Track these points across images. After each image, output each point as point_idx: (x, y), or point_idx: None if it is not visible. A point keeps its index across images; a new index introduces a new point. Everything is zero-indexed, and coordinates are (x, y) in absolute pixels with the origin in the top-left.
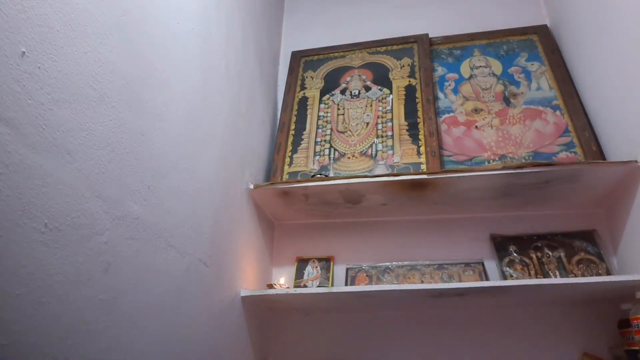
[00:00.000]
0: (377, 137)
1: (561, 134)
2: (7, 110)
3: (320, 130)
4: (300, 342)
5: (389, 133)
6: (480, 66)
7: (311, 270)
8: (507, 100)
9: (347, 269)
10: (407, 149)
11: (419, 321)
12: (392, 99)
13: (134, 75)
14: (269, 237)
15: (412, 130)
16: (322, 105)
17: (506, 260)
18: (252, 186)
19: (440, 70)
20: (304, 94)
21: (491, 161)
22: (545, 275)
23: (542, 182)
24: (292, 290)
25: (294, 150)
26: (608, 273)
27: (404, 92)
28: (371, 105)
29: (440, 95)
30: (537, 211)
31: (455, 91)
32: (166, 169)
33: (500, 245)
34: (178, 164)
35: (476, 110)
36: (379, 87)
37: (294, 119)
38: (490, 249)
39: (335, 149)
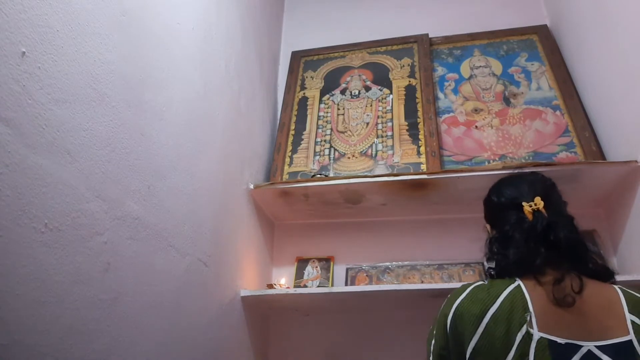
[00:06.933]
0: (377, 137)
1: (561, 134)
2: (7, 110)
3: (320, 130)
4: (300, 342)
5: (389, 133)
6: (480, 66)
7: (311, 270)
8: (507, 100)
9: (347, 269)
10: (407, 149)
11: (419, 321)
12: (392, 99)
13: (134, 75)
14: (269, 237)
15: (412, 130)
16: (322, 105)
17: None
18: (252, 186)
19: (440, 70)
20: (304, 94)
21: (491, 161)
22: None
23: None
24: (292, 290)
25: (294, 150)
26: None
27: (404, 92)
28: (371, 105)
29: (440, 95)
30: None
31: (455, 91)
32: (166, 169)
33: None
34: (178, 164)
35: (476, 110)
36: (379, 87)
37: (294, 119)
38: None
39: (335, 149)
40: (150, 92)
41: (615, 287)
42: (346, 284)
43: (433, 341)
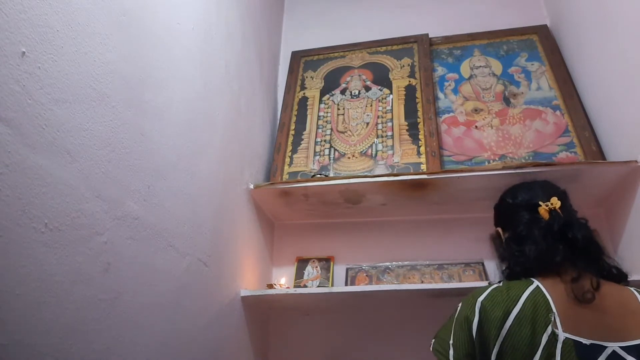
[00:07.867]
0: (377, 137)
1: (561, 134)
2: (7, 110)
3: (320, 130)
4: (300, 342)
5: (389, 133)
6: (480, 66)
7: (311, 270)
8: (507, 100)
9: (347, 269)
10: (407, 149)
11: (419, 321)
12: (392, 99)
13: (134, 75)
14: (269, 237)
15: (412, 130)
16: (322, 105)
17: None
18: (252, 186)
19: (440, 70)
20: (304, 94)
21: (491, 161)
22: None
23: None
24: (292, 290)
25: (294, 150)
26: None
27: (404, 92)
28: (371, 105)
29: (440, 95)
30: None
31: (455, 91)
32: (166, 169)
33: None
34: (178, 164)
35: (476, 110)
36: (379, 87)
37: (294, 119)
38: (490, 249)
39: (335, 149)
40: (150, 92)
41: (631, 288)
42: (346, 284)
43: (452, 351)
